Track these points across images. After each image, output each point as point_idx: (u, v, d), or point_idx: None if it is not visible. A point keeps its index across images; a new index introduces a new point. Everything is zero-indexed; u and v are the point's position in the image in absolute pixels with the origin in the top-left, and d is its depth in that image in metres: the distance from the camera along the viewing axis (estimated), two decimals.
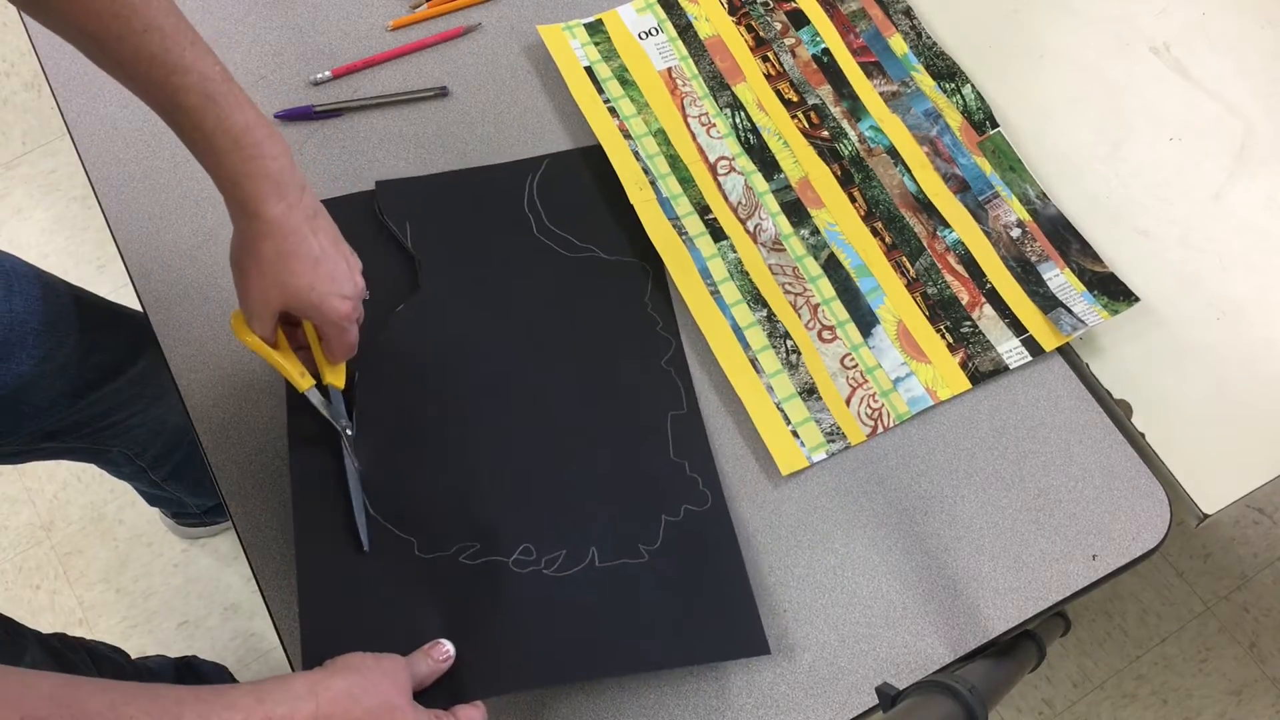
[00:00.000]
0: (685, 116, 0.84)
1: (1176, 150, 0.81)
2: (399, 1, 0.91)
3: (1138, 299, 0.75)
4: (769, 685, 0.66)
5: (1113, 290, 0.76)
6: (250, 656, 1.39)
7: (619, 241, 0.79)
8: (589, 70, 0.86)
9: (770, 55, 0.87)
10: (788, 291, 0.77)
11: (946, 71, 0.85)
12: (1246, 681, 1.35)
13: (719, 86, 0.85)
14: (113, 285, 1.60)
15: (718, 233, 0.79)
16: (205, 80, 0.58)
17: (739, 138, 0.83)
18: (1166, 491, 0.71)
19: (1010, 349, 0.75)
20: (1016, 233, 0.79)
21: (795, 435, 0.72)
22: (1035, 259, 0.78)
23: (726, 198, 0.81)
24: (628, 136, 0.83)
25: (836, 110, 0.84)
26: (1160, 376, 0.73)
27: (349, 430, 0.70)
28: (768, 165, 0.82)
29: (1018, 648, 0.70)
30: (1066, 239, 0.78)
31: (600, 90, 0.85)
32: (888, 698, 0.58)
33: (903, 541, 0.70)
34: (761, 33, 0.87)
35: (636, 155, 0.82)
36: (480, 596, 0.67)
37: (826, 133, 0.83)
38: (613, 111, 0.84)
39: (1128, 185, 0.80)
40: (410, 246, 0.79)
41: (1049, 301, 0.76)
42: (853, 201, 0.81)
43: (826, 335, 0.76)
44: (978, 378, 0.74)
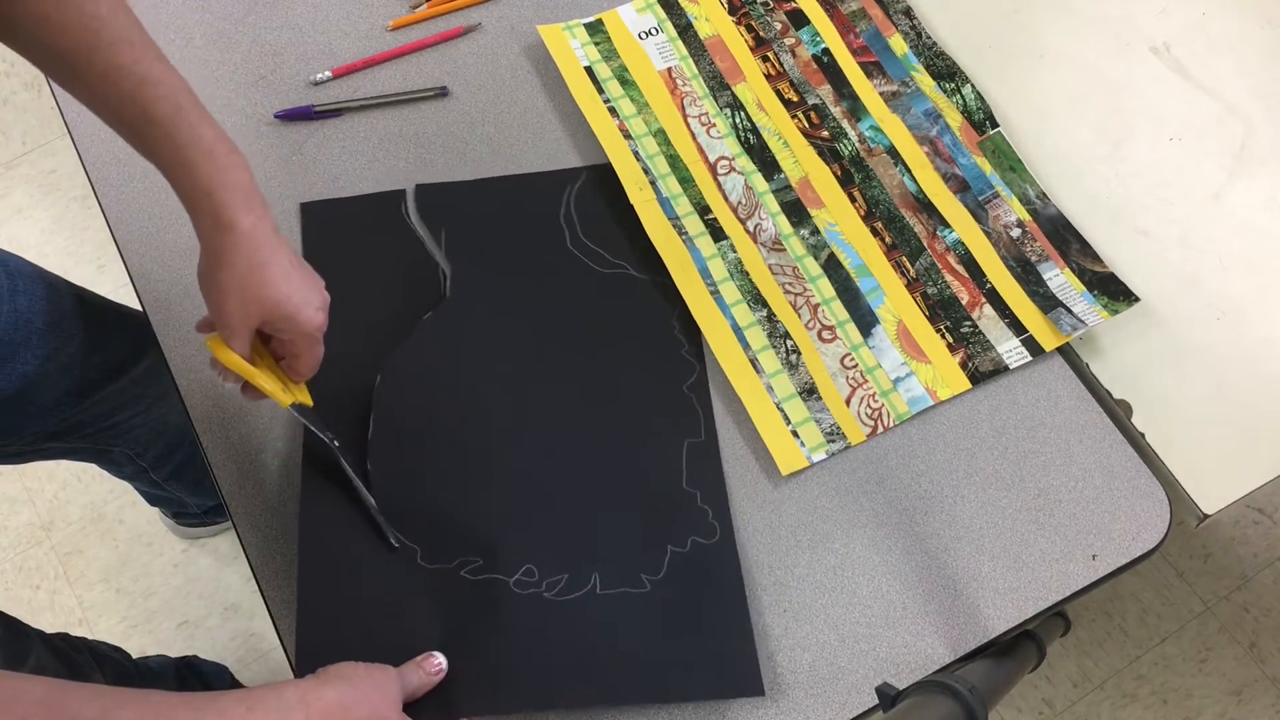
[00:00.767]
0: (685, 116, 0.84)
1: (1176, 150, 0.81)
2: (399, 1, 0.91)
3: (1138, 299, 0.75)
4: (769, 686, 0.66)
5: (1113, 290, 0.76)
6: (250, 656, 1.39)
7: (652, 260, 0.78)
8: (589, 70, 0.86)
9: (770, 55, 0.87)
10: (788, 291, 0.77)
11: (946, 71, 0.85)
12: (1246, 681, 1.35)
13: (719, 86, 0.85)
14: (113, 285, 1.60)
15: (718, 233, 0.79)
16: (175, 92, 0.58)
17: (739, 138, 0.83)
18: (1166, 491, 0.71)
19: (1010, 349, 0.75)
20: (1016, 233, 0.79)
21: (795, 435, 0.72)
22: (1035, 259, 0.78)
23: (726, 198, 0.81)
24: (628, 136, 0.83)
25: (836, 110, 0.84)
26: (1160, 376, 0.73)
27: (335, 441, 0.69)
28: (768, 165, 0.82)
29: (1018, 648, 0.70)
30: (1066, 239, 0.78)
31: (600, 90, 0.85)
32: (888, 698, 0.58)
33: (903, 541, 0.70)
34: (761, 33, 0.87)
35: (636, 155, 0.82)
36: (478, 613, 0.67)
37: (826, 133, 0.83)
38: (613, 111, 0.84)
39: (1128, 185, 0.80)
40: (443, 252, 0.79)
41: (1049, 301, 0.76)
42: (853, 201, 0.81)
43: (826, 335, 0.76)
44: (978, 378, 0.74)
